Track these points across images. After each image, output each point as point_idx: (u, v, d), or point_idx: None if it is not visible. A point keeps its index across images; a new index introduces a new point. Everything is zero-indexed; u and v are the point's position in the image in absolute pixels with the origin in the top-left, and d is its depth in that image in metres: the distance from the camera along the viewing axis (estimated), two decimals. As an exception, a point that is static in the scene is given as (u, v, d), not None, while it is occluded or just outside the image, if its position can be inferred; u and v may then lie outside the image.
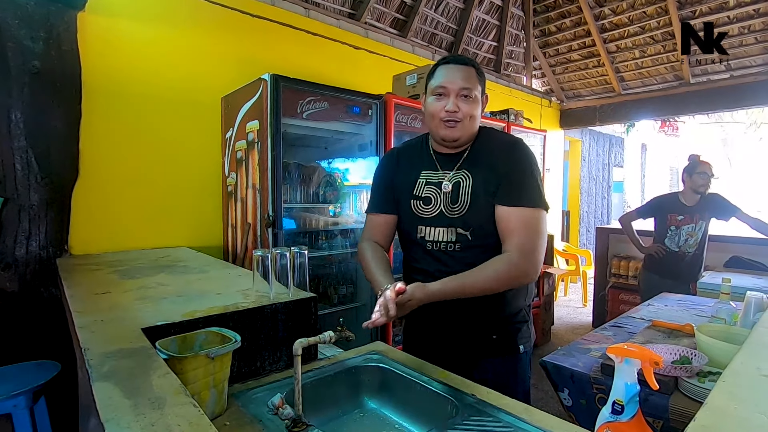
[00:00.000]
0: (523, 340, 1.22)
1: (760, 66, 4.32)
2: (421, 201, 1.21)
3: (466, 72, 1.14)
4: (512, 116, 3.53)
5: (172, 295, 1.24)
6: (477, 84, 1.14)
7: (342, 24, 3.32)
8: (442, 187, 1.18)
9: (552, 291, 4.18)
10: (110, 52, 2.22)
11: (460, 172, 1.17)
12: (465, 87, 1.12)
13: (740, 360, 0.70)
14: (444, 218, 1.17)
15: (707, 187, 2.70)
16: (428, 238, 1.19)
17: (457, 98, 1.13)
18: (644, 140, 9.74)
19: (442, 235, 1.17)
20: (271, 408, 0.85)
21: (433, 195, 1.19)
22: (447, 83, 1.13)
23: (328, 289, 2.70)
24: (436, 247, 1.18)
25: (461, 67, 1.14)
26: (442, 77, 1.14)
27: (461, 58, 1.17)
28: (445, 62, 1.17)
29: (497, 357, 1.19)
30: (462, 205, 1.14)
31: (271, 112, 2.08)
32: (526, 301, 1.24)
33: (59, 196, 2.06)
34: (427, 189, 1.20)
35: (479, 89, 1.15)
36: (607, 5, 4.56)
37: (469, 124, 1.15)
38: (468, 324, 1.18)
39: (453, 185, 1.17)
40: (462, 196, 1.15)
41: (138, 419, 0.56)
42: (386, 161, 1.34)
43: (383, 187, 1.30)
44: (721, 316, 1.62)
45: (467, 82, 1.13)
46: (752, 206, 7.11)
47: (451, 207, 1.16)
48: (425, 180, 1.22)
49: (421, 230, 1.21)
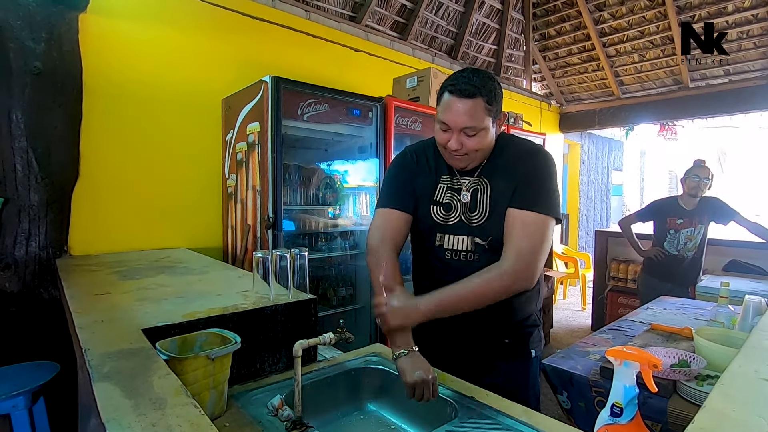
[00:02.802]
0: (535, 345, 1.22)
1: (759, 71, 4.34)
2: (442, 207, 1.16)
3: (471, 107, 1.02)
4: (512, 119, 3.54)
5: (172, 296, 1.25)
6: (484, 117, 1.03)
7: (342, 26, 3.33)
8: (461, 195, 1.14)
9: (551, 294, 4.18)
10: (111, 53, 2.22)
11: (478, 179, 1.13)
12: (468, 126, 1.03)
13: (738, 363, 0.70)
14: (464, 226, 1.13)
15: (700, 190, 2.71)
16: (447, 246, 1.15)
17: (460, 134, 1.05)
18: (643, 144, 9.77)
19: (461, 244, 1.13)
20: (271, 409, 0.85)
21: (453, 202, 1.15)
22: (449, 120, 1.04)
23: (328, 291, 2.70)
24: (455, 256, 1.14)
25: (465, 102, 1.02)
26: (445, 111, 1.05)
27: (467, 88, 1.01)
28: (450, 89, 1.04)
29: (510, 361, 1.19)
30: (481, 214, 1.11)
31: (272, 114, 2.08)
32: (537, 306, 1.23)
33: (59, 197, 2.06)
34: (448, 195, 1.16)
35: (488, 120, 1.05)
36: (607, 10, 4.58)
37: (477, 155, 1.09)
38: (480, 328, 1.16)
39: (471, 193, 1.13)
40: (480, 205, 1.11)
41: (139, 419, 0.56)
42: (405, 159, 1.24)
43: (403, 182, 1.20)
44: (719, 319, 1.62)
45: (471, 120, 1.02)
46: (751, 210, 7.13)
47: (469, 215, 1.12)
48: (445, 186, 1.16)
49: (439, 238, 1.16)
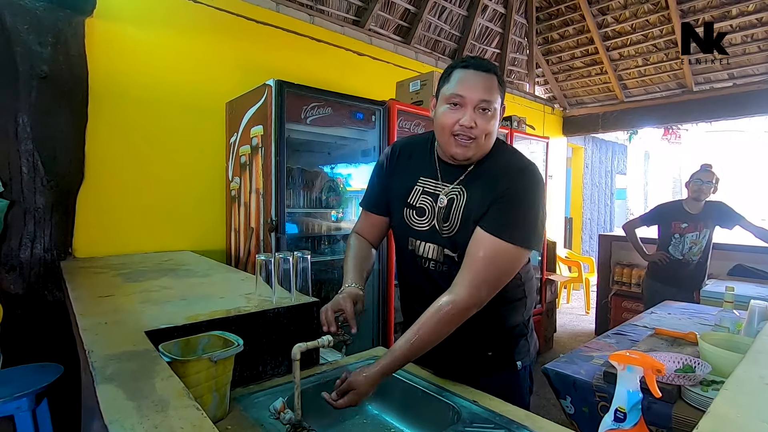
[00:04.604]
0: (521, 356, 1.15)
1: (763, 74, 4.32)
2: (415, 211, 1.10)
3: (488, 81, 0.98)
4: (515, 123, 3.54)
5: (175, 298, 1.25)
6: (498, 96, 0.99)
7: (346, 30, 3.34)
8: (438, 200, 1.07)
9: (554, 298, 4.16)
10: (117, 57, 2.24)
11: (458, 188, 1.05)
12: (485, 99, 0.97)
13: (743, 369, 0.70)
14: (435, 235, 1.07)
15: (702, 194, 2.70)
16: (419, 253, 1.11)
17: (474, 111, 0.97)
18: (647, 148, 9.73)
19: (432, 253, 1.09)
20: (273, 412, 0.85)
21: (427, 207, 1.08)
22: (465, 92, 0.97)
23: (330, 294, 2.65)
24: (426, 264, 1.10)
25: (483, 75, 0.98)
26: (460, 84, 0.98)
27: (483, 63, 1.00)
28: (464, 65, 1.00)
29: (493, 374, 1.13)
30: (451, 226, 1.04)
31: (276, 118, 2.09)
32: (524, 316, 1.17)
33: (64, 200, 2.07)
34: (423, 199, 1.09)
35: (499, 102, 1.01)
36: (610, 13, 4.58)
37: (484, 143, 1.01)
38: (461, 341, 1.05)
39: (448, 200, 1.06)
40: (453, 216, 1.04)
41: (142, 421, 0.56)
42: (386, 158, 1.21)
43: (378, 187, 1.21)
44: (724, 324, 1.61)
45: (488, 94, 0.97)
46: (756, 214, 7.08)
47: (442, 225, 1.06)
48: (422, 188, 1.10)
49: (411, 242, 1.12)
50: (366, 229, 1.25)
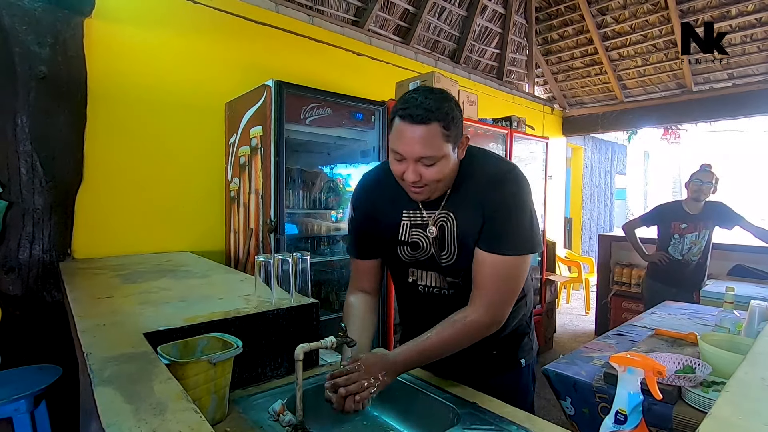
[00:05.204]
0: (524, 353, 1.17)
1: (763, 74, 4.33)
2: (408, 246, 1.08)
3: (426, 134, 0.89)
4: (514, 123, 3.53)
5: (174, 299, 1.25)
6: (442, 144, 0.91)
7: (345, 31, 3.34)
8: (427, 230, 1.04)
9: (554, 298, 4.16)
10: (116, 57, 2.24)
11: (443, 213, 1.02)
12: (423, 156, 0.91)
13: (744, 370, 0.70)
14: (434, 263, 1.06)
15: (702, 194, 2.70)
16: (420, 282, 1.10)
17: (416, 165, 0.93)
18: (647, 148, 9.74)
19: (434, 280, 1.08)
20: (272, 414, 0.85)
21: (420, 240, 1.06)
22: (403, 149, 0.92)
23: (330, 295, 2.70)
24: (428, 291, 1.10)
25: (420, 129, 0.89)
26: (398, 139, 0.92)
27: (419, 113, 0.88)
28: (401, 114, 0.91)
29: (497, 374, 1.14)
30: (450, 254, 1.03)
31: (275, 118, 2.09)
32: (525, 314, 1.18)
33: (63, 200, 2.07)
34: (413, 233, 1.06)
35: (447, 147, 0.92)
36: (609, 13, 4.58)
37: (438, 186, 0.97)
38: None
39: (438, 228, 1.03)
40: (448, 243, 1.02)
41: (139, 424, 0.56)
42: (360, 201, 1.15)
43: (358, 234, 1.16)
44: (724, 325, 1.60)
45: (427, 149, 0.90)
46: (756, 214, 7.08)
47: (440, 253, 1.04)
48: (409, 222, 1.07)
49: (413, 273, 1.11)
50: (362, 278, 1.19)
